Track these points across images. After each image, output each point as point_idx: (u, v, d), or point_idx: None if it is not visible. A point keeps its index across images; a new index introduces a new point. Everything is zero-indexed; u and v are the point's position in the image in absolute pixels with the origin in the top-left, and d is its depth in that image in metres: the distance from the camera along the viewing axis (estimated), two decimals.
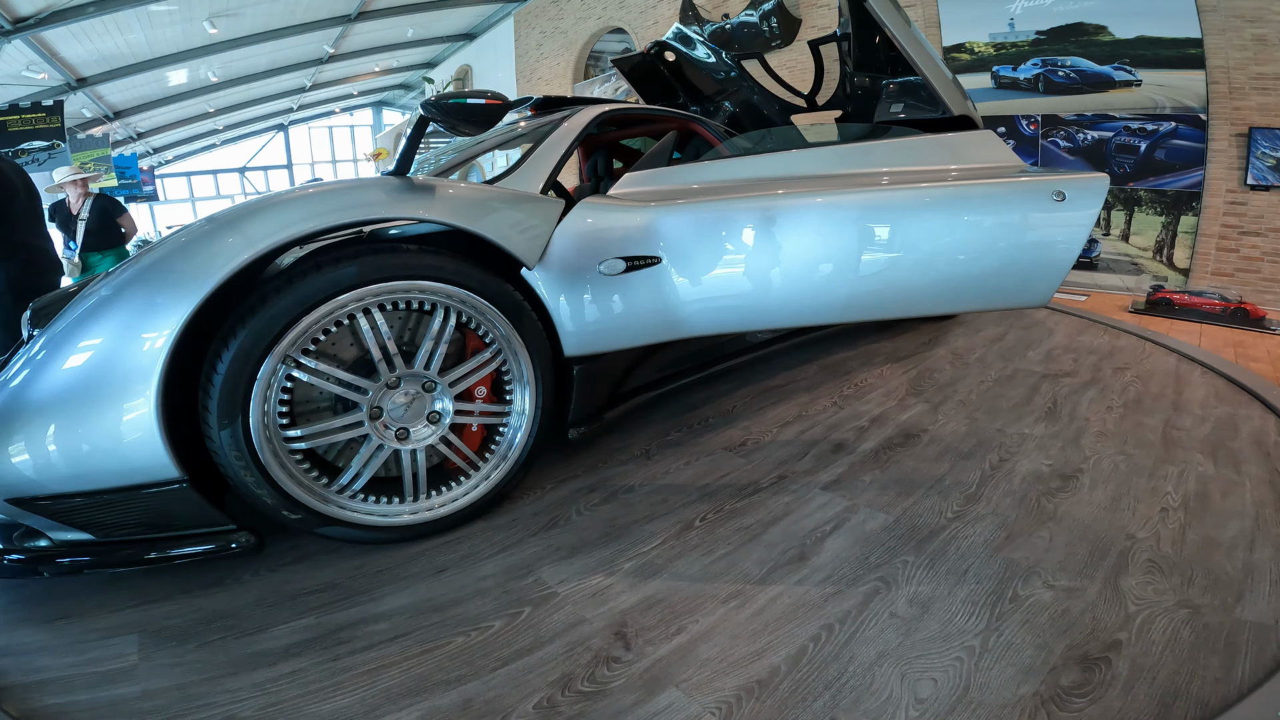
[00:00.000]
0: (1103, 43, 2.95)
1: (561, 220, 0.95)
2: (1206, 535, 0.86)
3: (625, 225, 1.00)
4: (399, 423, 0.85)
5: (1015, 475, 1.05)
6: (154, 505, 0.71)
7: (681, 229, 1.02)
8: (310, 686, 0.64)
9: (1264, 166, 2.65)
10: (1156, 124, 2.88)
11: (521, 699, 0.62)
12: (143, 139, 9.20)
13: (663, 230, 1.01)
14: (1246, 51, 2.60)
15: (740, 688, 0.63)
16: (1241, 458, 1.10)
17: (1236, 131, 2.69)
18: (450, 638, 0.71)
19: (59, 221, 2.56)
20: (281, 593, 0.78)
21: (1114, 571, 0.79)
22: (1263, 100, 2.63)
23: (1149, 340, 1.92)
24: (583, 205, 0.98)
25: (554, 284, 0.94)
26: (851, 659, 0.66)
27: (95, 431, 0.66)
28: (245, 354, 0.71)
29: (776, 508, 0.97)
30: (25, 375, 0.68)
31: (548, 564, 0.84)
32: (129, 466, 0.68)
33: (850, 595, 0.76)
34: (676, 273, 1.03)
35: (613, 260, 0.98)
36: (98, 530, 0.72)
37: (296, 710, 0.60)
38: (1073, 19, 2.98)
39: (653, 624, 0.72)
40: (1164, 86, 2.82)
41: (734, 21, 2.67)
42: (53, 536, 0.72)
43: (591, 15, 6.10)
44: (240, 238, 0.70)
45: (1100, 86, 2.99)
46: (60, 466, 0.67)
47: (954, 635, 0.69)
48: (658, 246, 1.01)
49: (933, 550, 0.85)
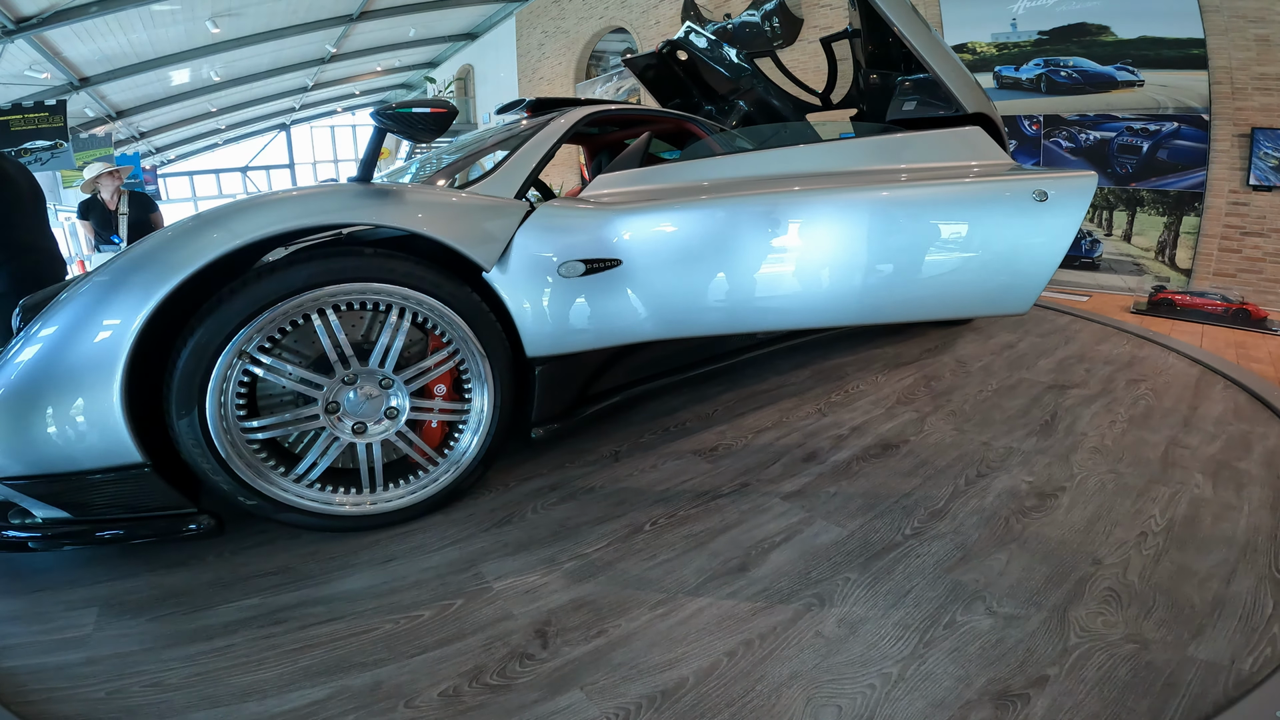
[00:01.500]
0: (1105, 43, 3.06)
1: (523, 223, 1.02)
2: (1183, 564, 0.86)
3: (584, 228, 1.07)
4: (356, 417, 0.94)
5: (990, 492, 1.06)
6: (120, 488, 0.80)
7: (640, 232, 1.09)
8: (237, 660, 0.72)
9: (1266, 167, 2.75)
10: (1159, 124, 2.98)
11: (429, 686, 0.68)
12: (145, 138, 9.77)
13: (622, 233, 1.08)
14: (1249, 52, 2.69)
15: (643, 696, 0.66)
16: (1246, 480, 1.09)
17: (1239, 132, 2.79)
18: (379, 623, 0.78)
19: (96, 219, 2.71)
20: (237, 574, 0.88)
21: (1066, 599, 0.79)
22: (1265, 100, 2.72)
23: (1173, 350, 1.91)
24: (543, 208, 1.06)
25: (514, 286, 1.02)
26: (762, 677, 0.68)
27: (65, 416, 0.75)
28: (201, 349, 0.81)
29: (731, 516, 1.00)
30: (5, 364, 0.78)
31: (491, 559, 0.91)
32: (96, 450, 0.77)
33: (780, 611, 0.78)
34: (636, 276, 1.10)
35: (572, 263, 1.05)
36: (75, 510, 0.81)
37: (217, 681, 0.68)
38: (1075, 19, 3.09)
39: (576, 625, 0.77)
40: (1166, 87, 2.92)
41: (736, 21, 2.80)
42: (38, 514, 0.82)
43: (593, 15, 6.38)
44: (200, 244, 0.80)
45: (1103, 87, 3.09)
46: (33, 449, 0.76)
47: (874, 660, 0.70)
48: (617, 249, 1.08)
49: (879, 568, 0.86)
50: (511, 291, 1.02)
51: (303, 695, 0.67)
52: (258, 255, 0.94)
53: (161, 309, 0.77)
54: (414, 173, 1.55)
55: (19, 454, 0.76)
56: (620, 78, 6.56)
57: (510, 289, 1.01)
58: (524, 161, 1.17)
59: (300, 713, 0.64)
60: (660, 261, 1.10)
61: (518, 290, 1.02)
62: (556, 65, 7.10)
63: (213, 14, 5.52)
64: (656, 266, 1.10)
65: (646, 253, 1.09)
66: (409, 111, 0.86)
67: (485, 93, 8.72)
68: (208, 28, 5.68)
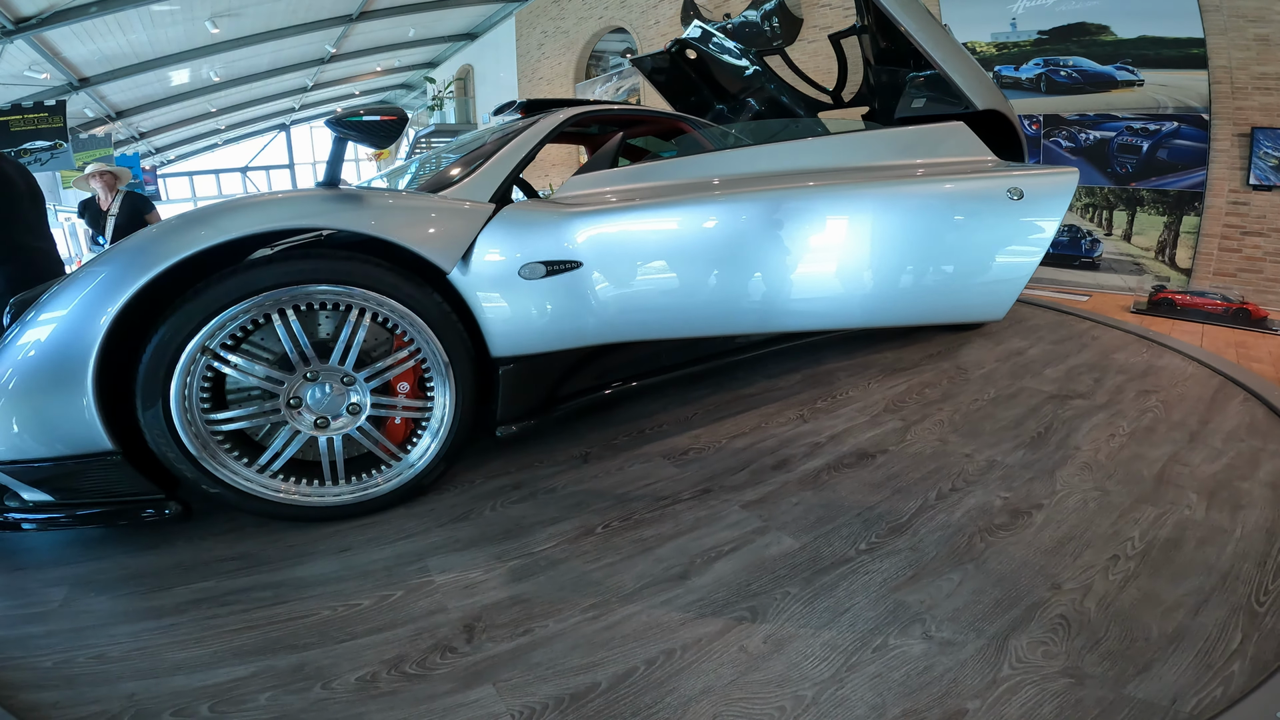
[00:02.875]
0: (1105, 42, 3.17)
1: (485, 226, 1.10)
2: (1150, 591, 0.85)
3: (545, 231, 1.15)
4: (318, 412, 1.02)
5: (960, 507, 1.07)
6: (94, 473, 0.90)
7: (599, 234, 1.17)
8: (177, 637, 0.80)
9: (1266, 166, 2.86)
10: (1159, 124, 3.10)
11: (350, 670, 0.74)
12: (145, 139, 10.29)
13: (581, 235, 1.16)
14: (1249, 51, 2.79)
15: (552, 697, 0.70)
16: (1246, 501, 1.08)
17: (1239, 131, 2.90)
18: (319, 609, 0.85)
19: (89, 217, 2.93)
20: (200, 558, 0.97)
21: (1011, 626, 0.78)
22: (1265, 100, 2.83)
23: (1194, 360, 1.89)
24: (506, 211, 1.14)
25: (478, 288, 1.10)
26: (674, 689, 0.71)
27: (43, 405, 0.85)
28: (164, 346, 0.90)
29: (686, 522, 1.05)
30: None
31: (440, 554, 0.97)
32: (71, 438, 0.87)
33: (710, 623, 0.81)
34: (597, 278, 1.17)
35: (534, 265, 1.12)
36: (56, 493, 0.92)
37: (154, 656, 0.77)
38: (1075, 19, 3.20)
39: (504, 622, 0.82)
40: (1166, 86, 3.03)
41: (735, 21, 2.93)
42: (26, 498, 0.92)
43: (593, 15, 6.63)
44: (165, 249, 0.90)
45: (1102, 86, 3.21)
46: (16, 435, 0.86)
47: (792, 681, 0.71)
48: (578, 251, 1.15)
49: (823, 584, 0.88)
50: (475, 293, 1.09)
51: (228, 672, 0.74)
52: (246, 252, 1.03)
53: (135, 306, 0.87)
54: (413, 172, 1.64)
55: (4, 440, 0.87)
56: (620, 78, 6.79)
57: (474, 290, 1.09)
58: (501, 165, 1.25)
59: (221, 688, 0.72)
60: (619, 264, 1.17)
61: (481, 292, 1.10)
62: (556, 65, 7.38)
63: (212, 14, 5.87)
64: (615, 268, 1.17)
65: (605, 255, 1.16)
66: (359, 120, 0.96)
67: (485, 93, 9.07)
68: (207, 28, 6.03)
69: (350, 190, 1.06)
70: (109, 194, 2.87)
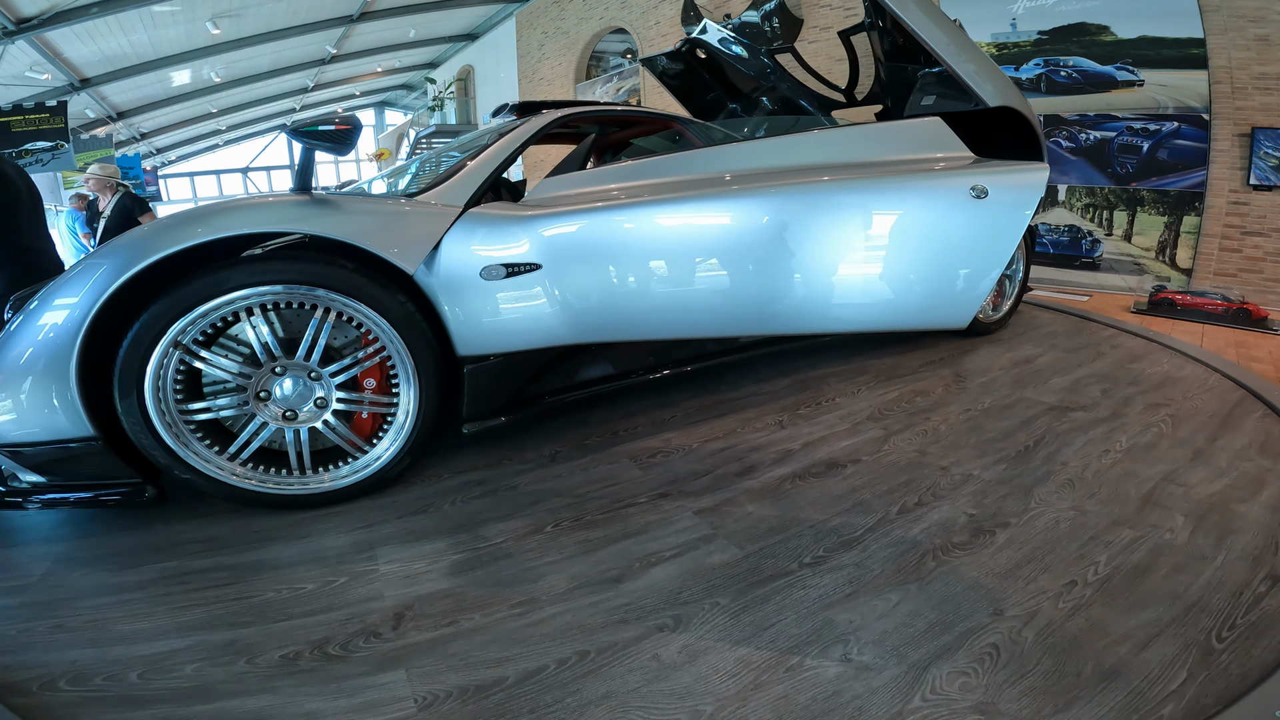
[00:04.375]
0: (1105, 43, 3.31)
1: (450, 228, 1.21)
2: (1100, 621, 0.83)
3: (505, 233, 1.25)
4: (286, 405, 1.14)
5: (921, 523, 1.08)
6: (78, 458, 1.03)
7: (557, 236, 1.26)
8: (131, 612, 0.91)
9: (1267, 166, 2.98)
10: (1159, 124, 3.23)
11: (276, 649, 0.83)
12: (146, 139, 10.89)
13: (541, 238, 1.25)
14: (1249, 51, 2.91)
15: (458, 686, 0.76)
16: (1238, 526, 1.06)
17: (1239, 131, 3.03)
18: (265, 591, 0.95)
19: (87, 218, 3.31)
20: (171, 539, 1.09)
21: (936, 654, 0.78)
22: (1265, 100, 2.95)
23: (1217, 371, 1.87)
24: (470, 214, 1.25)
25: (442, 289, 1.20)
26: (577, 691, 0.75)
27: (33, 393, 0.98)
28: (139, 340, 1.02)
29: (635, 525, 1.11)
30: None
31: (391, 545, 1.07)
32: (56, 425, 1.00)
33: (632, 627, 0.85)
34: (555, 280, 1.26)
35: (494, 266, 1.23)
36: (48, 476, 1.04)
37: (104, 627, 0.87)
38: (1075, 19, 3.35)
39: (434, 613, 0.89)
40: (1166, 86, 3.16)
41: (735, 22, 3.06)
42: (23, 479, 1.05)
43: (593, 16, 6.93)
44: (142, 250, 1.02)
45: (1102, 86, 3.35)
46: (10, 421, 0.99)
47: (695, 695, 0.74)
48: (536, 254, 1.25)
49: (756, 596, 0.91)
50: (439, 294, 1.20)
51: (166, 645, 0.84)
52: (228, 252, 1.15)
53: (121, 302, 1.00)
54: (413, 172, 1.76)
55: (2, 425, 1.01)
56: (620, 78, 7.03)
57: (438, 291, 1.20)
58: (479, 169, 1.36)
59: (155, 658, 0.82)
60: (576, 266, 1.26)
61: (445, 293, 1.20)
62: (556, 66, 7.69)
63: (213, 15, 6.26)
64: (573, 270, 1.26)
65: (563, 257, 1.25)
66: (316, 129, 1.09)
67: (486, 93, 9.47)
68: (208, 29, 6.44)
69: (319, 196, 1.18)
70: (105, 195, 3.15)
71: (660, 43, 5.76)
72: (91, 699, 0.75)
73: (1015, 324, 2.44)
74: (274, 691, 0.76)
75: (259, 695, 0.76)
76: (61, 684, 0.77)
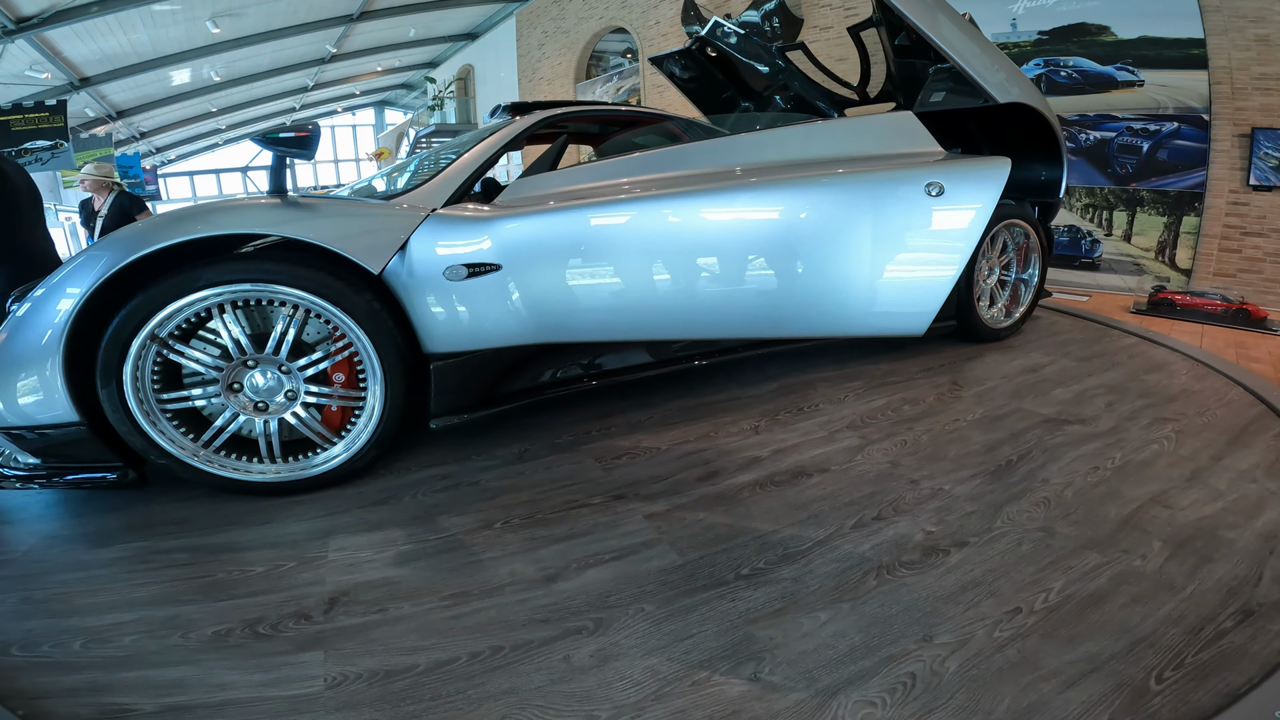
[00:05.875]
0: (1105, 43, 3.45)
1: (417, 229, 1.32)
2: (1032, 655, 0.82)
3: (466, 234, 1.36)
4: (258, 396, 1.28)
5: (874, 539, 1.09)
6: (66, 442, 1.17)
7: (515, 237, 1.37)
8: (92, 586, 1.03)
9: (1266, 167, 3.08)
10: (1159, 124, 3.36)
11: (211, 625, 0.94)
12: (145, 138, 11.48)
13: (500, 239, 1.36)
14: (1249, 52, 3.03)
15: (369, 670, 0.84)
16: (1220, 555, 1.04)
17: (1239, 132, 3.13)
18: (217, 571, 1.07)
19: (84, 217, 3.59)
20: (148, 521, 1.23)
21: (850, 680, 0.79)
22: (1265, 101, 3.06)
23: (1238, 384, 1.84)
24: (435, 215, 1.37)
25: (408, 287, 1.32)
26: (482, 685, 0.81)
27: (26, 379, 1.13)
28: (118, 332, 1.15)
29: (583, 526, 1.19)
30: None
31: (345, 533, 1.18)
32: (45, 410, 1.14)
33: (552, 627, 0.91)
34: (514, 280, 1.36)
35: (456, 267, 1.34)
36: (42, 458, 1.19)
37: (65, 600, 1.00)
38: (1075, 19, 3.50)
39: (367, 600, 0.99)
40: (1166, 87, 3.29)
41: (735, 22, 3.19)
42: (20, 460, 1.21)
43: (593, 15, 7.23)
44: (124, 250, 1.16)
45: (1103, 87, 3.49)
46: (6, 405, 1.14)
47: (594, 700, 0.78)
48: (495, 254, 1.36)
49: (683, 606, 0.94)
50: (406, 293, 1.32)
51: (114, 617, 0.95)
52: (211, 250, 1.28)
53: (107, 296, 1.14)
54: (411, 170, 1.91)
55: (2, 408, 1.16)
56: (620, 77, 7.27)
57: (405, 290, 1.32)
58: (460, 170, 1.48)
59: (100, 629, 0.93)
60: (534, 266, 1.37)
61: (411, 292, 1.32)
62: (557, 65, 8.00)
63: (213, 14, 6.64)
64: (530, 271, 1.37)
65: (521, 258, 1.36)
66: (278, 136, 1.23)
67: (486, 93, 9.87)
68: (208, 28, 6.83)
69: (291, 199, 1.31)
70: (101, 195, 3.45)
71: (660, 42, 5.97)
72: (33, 664, 0.86)
73: (1030, 330, 2.45)
74: (197, 664, 0.86)
75: (182, 667, 0.86)
76: (13, 650, 0.89)
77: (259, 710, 0.79)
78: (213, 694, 0.81)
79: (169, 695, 0.81)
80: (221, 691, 0.81)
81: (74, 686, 0.83)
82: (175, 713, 0.78)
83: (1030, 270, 2.34)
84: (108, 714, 0.78)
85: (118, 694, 0.81)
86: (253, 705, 0.79)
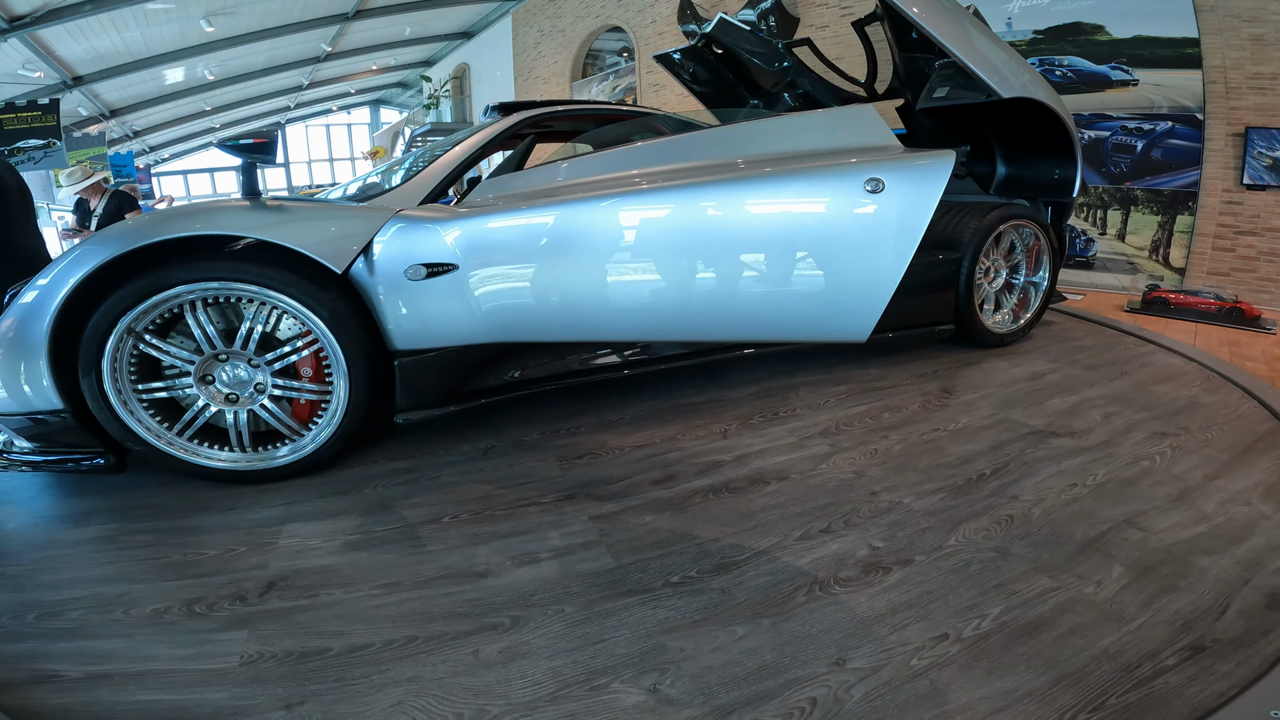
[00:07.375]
0: (1100, 42, 3.57)
1: (380, 230, 1.45)
2: (943, 688, 0.82)
3: (425, 234, 1.49)
4: (229, 388, 1.43)
5: (816, 552, 1.11)
6: (55, 429, 1.31)
7: (471, 237, 1.49)
8: (62, 563, 1.17)
9: (1260, 166, 3.17)
10: (1153, 123, 3.46)
11: (153, 603, 1.05)
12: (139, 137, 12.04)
13: (457, 239, 1.49)
14: (1243, 51, 3.12)
15: (285, 650, 0.93)
16: (1187, 584, 1.01)
17: (1233, 131, 3.22)
18: (172, 553, 1.19)
19: (78, 216, 3.96)
20: (127, 504, 1.37)
21: (747, 701, 0.80)
22: (1259, 100, 3.14)
23: (1253, 397, 1.81)
24: (399, 215, 1.50)
25: (373, 286, 1.45)
26: (386, 671, 0.88)
27: (17, 369, 1.27)
28: (97, 326, 1.30)
29: (528, 524, 1.28)
30: None
31: (301, 521, 1.30)
32: (34, 398, 1.29)
33: (469, 621, 0.98)
34: (472, 279, 1.49)
35: (416, 267, 1.46)
36: (35, 442, 1.34)
37: (34, 577, 1.14)
38: (1070, 18, 3.64)
39: (302, 585, 1.10)
40: (1161, 86, 3.39)
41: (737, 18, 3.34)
42: (16, 445, 1.35)
43: (589, 14, 7.51)
44: (108, 247, 1.30)
45: (1097, 86, 3.60)
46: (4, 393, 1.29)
47: (490, 695, 0.83)
48: (452, 254, 1.48)
49: (602, 610, 0.99)
50: (370, 292, 1.46)
51: (69, 592, 1.08)
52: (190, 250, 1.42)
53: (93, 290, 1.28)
54: (406, 166, 2.04)
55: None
56: (616, 76, 7.50)
57: (370, 289, 1.45)
58: (437, 170, 1.61)
59: (52, 604, 1.06)
60: (488, 266, 1.48)
61: (375, 290, 1.46)
62: (552, 64, 8.31)
63: (207, 12, 6.97)
64: (485, 271, 1.48)
65: (476, 257, 1.48)
66: (238, 143, 1.41)
67: (481, 91, 10.26)
68: (202, 26, 7.20)
69: (261, 201, 1.45)
70: (96, 195, 3.85)
71: (657, 41, 6.19)
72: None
73: (1039, 335, 2.47)
74: (129, 638, 0.97)
75: (115, 640, 0.97)
76: None
77: (172, 680, 0.89)
78: (135, 665, 0.91)
79: (96, 665, 0.91)
80: (144, 663, 0.91)
81: (16, 654, 0.94)
82: (96, 679, 0.89)
83: (1041, 273, 2.36)
84: (37, 679, 0.89)
85: (51, 661, 0.92)
86: (168, 676, 0.89)
